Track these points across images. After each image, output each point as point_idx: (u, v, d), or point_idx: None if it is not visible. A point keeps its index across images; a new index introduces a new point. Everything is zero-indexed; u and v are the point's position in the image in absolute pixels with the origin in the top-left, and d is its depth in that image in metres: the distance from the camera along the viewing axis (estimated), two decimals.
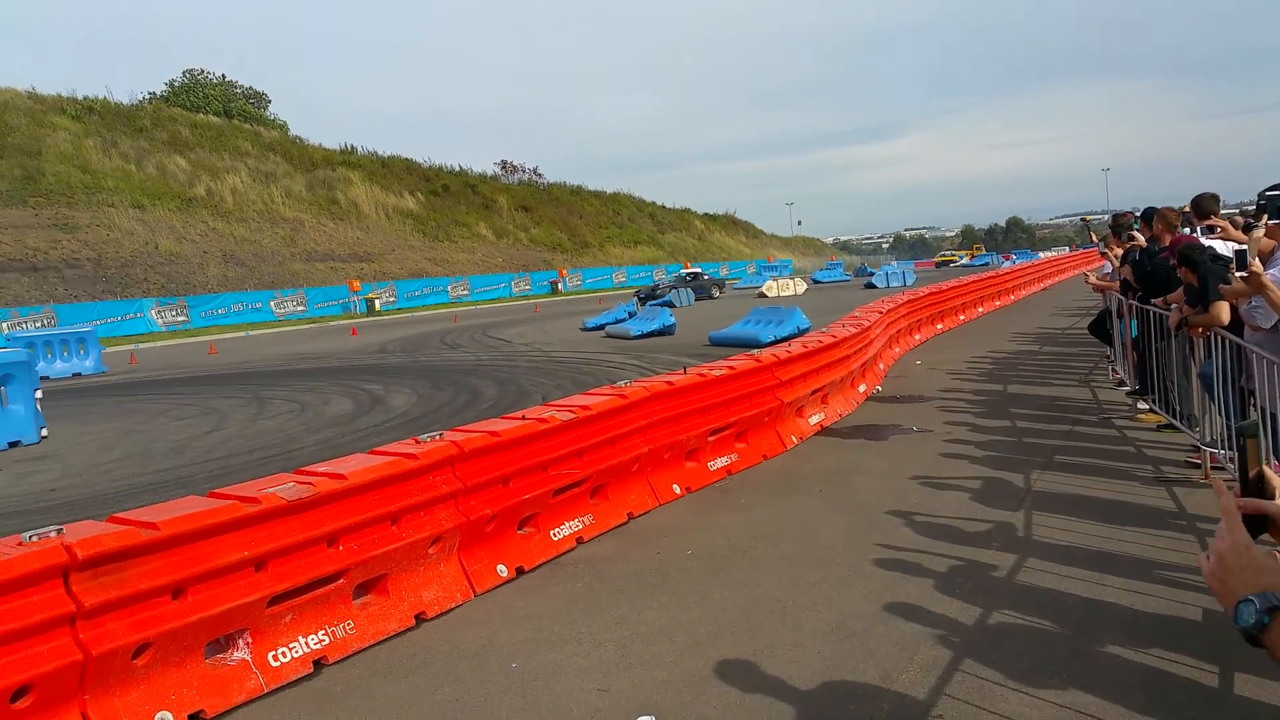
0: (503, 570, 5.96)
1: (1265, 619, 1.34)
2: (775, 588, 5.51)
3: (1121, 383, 11.14)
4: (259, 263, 52.50)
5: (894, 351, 16.27)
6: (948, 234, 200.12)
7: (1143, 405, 9.69)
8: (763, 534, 6.61)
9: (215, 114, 66.54)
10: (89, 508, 8.50)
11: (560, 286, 66.88)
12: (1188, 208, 9.43)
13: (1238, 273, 5.26)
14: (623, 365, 17.57)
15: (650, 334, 23.68)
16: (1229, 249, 6.48)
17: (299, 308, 48.75)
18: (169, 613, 4.14)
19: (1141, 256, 8.97)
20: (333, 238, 59.98)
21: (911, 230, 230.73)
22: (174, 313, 42.79)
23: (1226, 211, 10.92)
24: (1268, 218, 5.87)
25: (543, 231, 78.35)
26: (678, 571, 5.94)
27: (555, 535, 6.50)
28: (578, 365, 18.33)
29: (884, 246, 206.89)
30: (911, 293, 21.47)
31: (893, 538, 6.27)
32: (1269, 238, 5.75)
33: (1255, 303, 5.59)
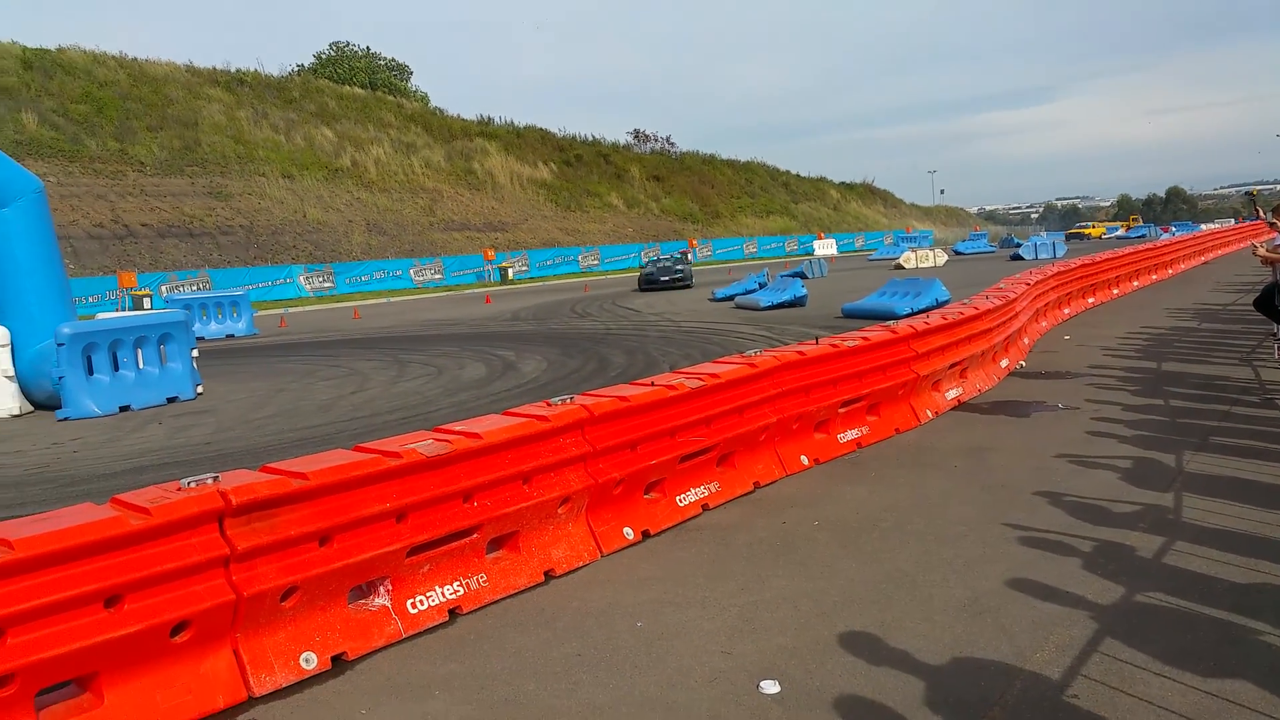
0: (629, 533, 6.04)
1: None
2: (905, 562, 5.42)
3: None
4: (400, 231, 54.20)
5: (1040, 326, 15.68)
6: (1102, 204, 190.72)
7: None
8: (893, 508, 6.50)
9: (360, 86, 68.61)
10: (242, 460, 8.97)
11: (690, 257, 66.82)
12: None
13: None
14: (752, 336, 17.46)
15: (780, 305, 23.45)
16: None
17: (436, 276, 50.13)
18: (316, 558, 4.35)
19: None
20: (469, 208, 61.38)
21: (1063, 200, 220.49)
22: (321, 279, 44.57)
23: None
24: None
25: (674, 201, 78.31)
26: (804, 542, 5.91)
27: (681, 501, 6.54)
28: (706, 335, 18.32)
29: (1033, 217, 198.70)
30: (1062, 264, 20.60)
31: (1031, 516, 6.07)
32: None
33: None
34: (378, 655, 4.55)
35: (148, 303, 31.52)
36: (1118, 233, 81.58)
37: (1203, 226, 71.15)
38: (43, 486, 8.45)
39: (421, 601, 4.87)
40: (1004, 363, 11.90)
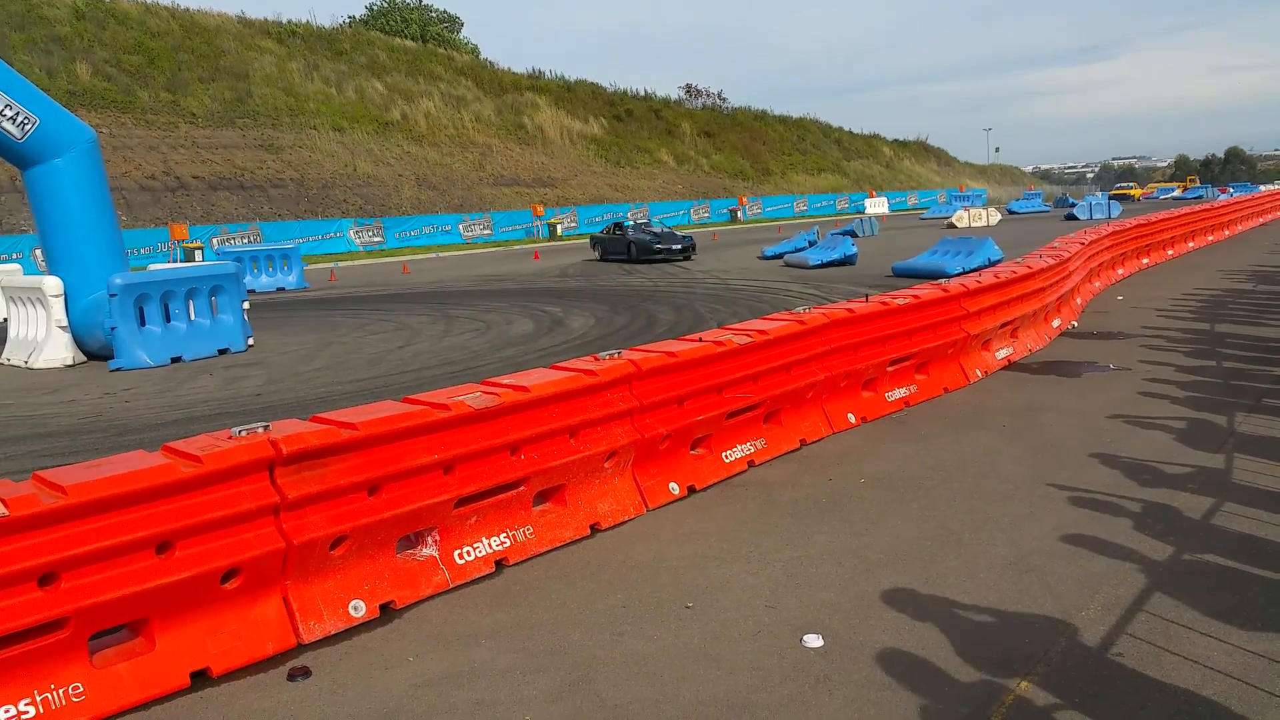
0: (674, 488, 6.06)
1: None
2: (951, 519, 5.39)
3: None
4: (449, 186, 54.32)
5: (1093, 286, 15.38)
6: (1160, 164, 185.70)
7: None
8: (940, 466, 6.45)
9: (411, 38, 68.43)
10: (292, 411, 9.11)
11: (739, 215, 66.24)
12: None
13: None
14: (800, 294, 17.33)
15: (830, 264, 23.21)
16: None
17: (485, 231, 50.24)
18: (364, 508, 4.43)
19: None
20: (518, 163, 61.30)
21: (1120, 160, 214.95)
22: (371, 233, 44.87)
23: None
24: None
25: (724, 158, 77.56)
26: (850, 499, 5.89)
27: (727, 457, 6.55)
28: (755, 293, 18.21)
29: (1088, 176, 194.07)
30: (1117, 224, 20.16)
31: (1080, 476, 6.00)
32: None
33: None
34: (425, 604, 4.63)
35: (199, 255, 31.95)
36: (1173, 193, 78.31)
37: (1262, 188, 68.75)
38: (95, 435, 8.66)
39: (469, 552, 4.94)
40: (1056, 323, 11.71)
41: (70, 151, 12.82)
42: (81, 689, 3.66)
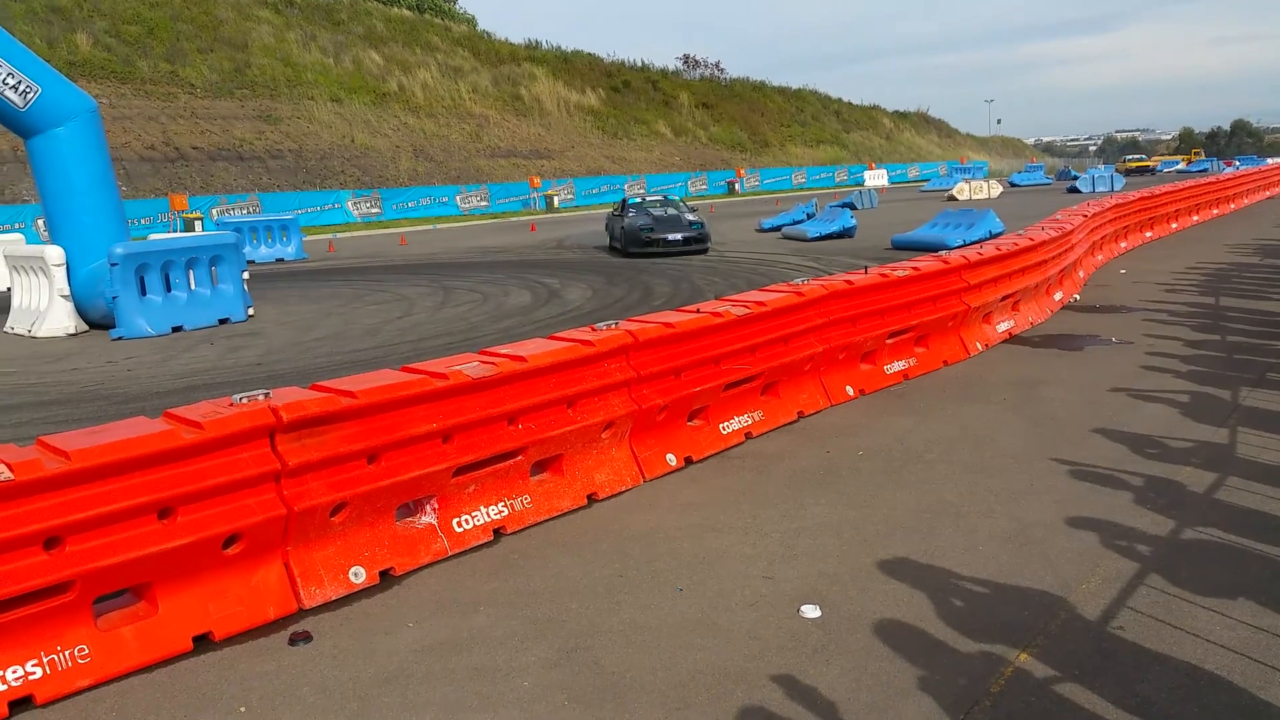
0: (672, 459, 6.06)
1: None
2: (950, 492, 5.39)
3: None
4: (446, 157, 54.04)
5: (1096, 259, 15.34)
6: (1163, 137, 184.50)
7: None
8: (939, 439, 6.45)
9: (408, 8, 67.84)
10: (292, 380, 9.09)
11: (737, 187, 65.95)
12: None
13: None
14: (799, 266, 17.29)
15: (828, 236, 23.13)
16: None
17: (482, 203, 50.04)
18: (364, 475, 4.42)
19: None
20: (515, 134, 60.95)
21: (1123, 132, 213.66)
22: (368, 204, 44.69)
23: None
24: None
25: (722, 129, 77.12)
26: (848, 471, 5.89)
27: (724, 429, 6.55)
28: (752, 265, 18.16)
29: (1091, 149, 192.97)
30: (1120, 196, 20.08)
31: (1081, 450, 6.00)
32: None
33: None
34: (424, 572, 4.64)
35: (199, 225, 31.83)
36: (1176, 167, 76.75)
37: (1268, 161, 68.13)
38: (97, 403, 8.65)
39: (467, 521, 4.94)
40: (1058, 296, 11.68)
41: (72, 121, 12.77)
42: (87, 651, 3.69)
